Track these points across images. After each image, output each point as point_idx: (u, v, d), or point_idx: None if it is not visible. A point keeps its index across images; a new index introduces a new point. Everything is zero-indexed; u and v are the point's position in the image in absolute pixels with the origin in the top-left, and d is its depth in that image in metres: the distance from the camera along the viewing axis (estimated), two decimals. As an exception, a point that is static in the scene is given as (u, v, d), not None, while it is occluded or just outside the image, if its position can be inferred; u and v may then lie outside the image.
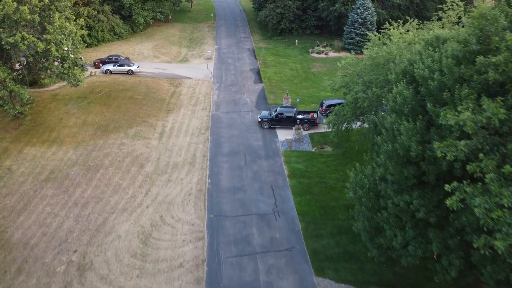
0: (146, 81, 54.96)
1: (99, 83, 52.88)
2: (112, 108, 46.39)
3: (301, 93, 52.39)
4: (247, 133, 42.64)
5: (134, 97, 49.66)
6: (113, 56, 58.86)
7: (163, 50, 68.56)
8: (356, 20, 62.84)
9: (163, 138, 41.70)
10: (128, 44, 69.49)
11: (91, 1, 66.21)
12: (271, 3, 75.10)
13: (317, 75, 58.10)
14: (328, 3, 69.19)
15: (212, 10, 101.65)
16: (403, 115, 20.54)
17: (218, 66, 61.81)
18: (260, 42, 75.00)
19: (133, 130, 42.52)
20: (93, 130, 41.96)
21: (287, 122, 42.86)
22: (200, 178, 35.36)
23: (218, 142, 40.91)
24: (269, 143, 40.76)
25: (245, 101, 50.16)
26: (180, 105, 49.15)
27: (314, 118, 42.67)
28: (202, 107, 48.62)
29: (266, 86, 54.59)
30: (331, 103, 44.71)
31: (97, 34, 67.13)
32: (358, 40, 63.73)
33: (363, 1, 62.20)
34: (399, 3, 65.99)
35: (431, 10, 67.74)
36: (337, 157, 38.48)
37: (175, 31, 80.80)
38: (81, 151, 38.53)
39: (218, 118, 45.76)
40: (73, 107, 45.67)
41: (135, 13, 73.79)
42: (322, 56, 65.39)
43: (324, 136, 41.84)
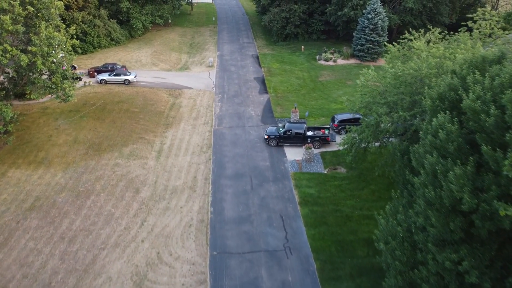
0: (144, 91, 51.46)
1: (93, 95, 49.38)
2: (106, 123, 42.89)
3: (310, 105, 48.87)
4: (253, 151, 39.13)
5: (130, 110, 46.16)
6: (108, 64, 55.37)
7: (162, 57, 65.06)
8: (366, 26, 59.30)
9: (161, 157, 38.21)
10: (125, 51, 65.99)
11: (86, 6, 62.73)
12: (276, 7, 71.58)
13: (326, 85, 54.58)
14: (336, 7, 65.65)
15: (214, 13, 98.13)
16: (448, 154, 16.99)
17: (221, 75, 58.31)
18: (264, 48, 71.47)
19: (129, 149, 39.02)
20: (85, 149, 38.46)
21: (296, 139, 39.35)
22: (202, 205, 31.85)
23: (221, 162, 37.40)
24: (277, 164, 37.25)
25: (249, 114, 46.63)
26: (180, 118, 45.65)
27: (325, 135, 39.15)
28: (203, 121, 45.10)
29: (272, 97, 51.07)
30: (344, 118, 41.26)
31: (92, 40, 63.63)
32: (369, 47, 60.21)
33: (374, 6, 58.66)
34: (411, 7, 62.44)
35: (445, 15, 64.37)
36: (352, 180, 34.96)
37: (175, 36, 77.29)
38: (71, 174, 35.03)
39: (221, 134, 42.25)
40: (64, 122, 42.17)
41: (133, 18, 70.30)
42: (330, 64, 61.85)
43: (337, 155, 38.33)
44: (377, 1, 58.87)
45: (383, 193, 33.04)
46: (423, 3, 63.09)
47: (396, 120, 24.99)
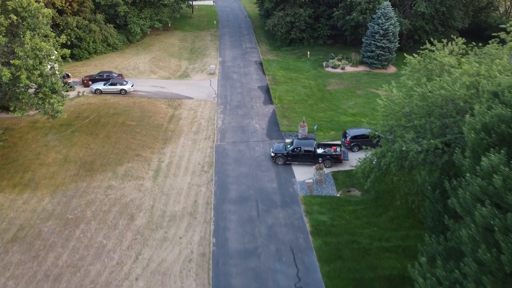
0: (141, 102, 48.34)
1: (87, 106, 46.26)
2: (100, 139, 39.77)
3: (318, 117, 45.73)
4: (258, 171, 35.99)
5: (126, 123, 43.04)
6: (104, 73, 52.27)
7: (161, 63, 61.94)
8: (376, 31, 56.15)
9: (159, 177, 35.09)
10: (122, 57, 62.88)
11: (82, 10, 59.64)
12: (280, 11, 68.46)
13: (334, 95, 51.42)
14: (343, 12, 62.51)
15: (215, 16, 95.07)
16: (507, 206, 13.85)
17: (223, 83, 55.19)
18: (268, 54, 68.34)
19: (124, 168, 35.90)
20: (76, 168, 35.34)
21: (305, 158, 36.22)
22: (203, 236, 28.72)
23: (224, 183, 34.27)
24: (285, 185, 34.12)
25: (254, 127, 43.50)
26: (179, 132, 42.53)
27: (337, 153, 36.00)
28: (204, 135, 41.98)
29: (277, 108, 47.93)
30: (357, 134, 38.13)
31: (88, 46, 60.52)
32: (379, 54, 57.07)
33: (385, 10, 55.51)
34: (423, 11, 59.29)
35: (458, 19, 61.24)
36: (367, 205, 31.81)
37: (174, 40, 74.19)
38: (59, 198, 31.90)
39: (223, 151, 39.13)
40: (53, 138, 39.07)
41: (130, 22, 67.19)
42: (338, 71, 58.69)
43: (350, 175, 35.17)
44: (388, 5, 55.75)
45: (403, 221, 29.93)
46: (436, 7, 60.00)
47: (425, 147, 21.83)
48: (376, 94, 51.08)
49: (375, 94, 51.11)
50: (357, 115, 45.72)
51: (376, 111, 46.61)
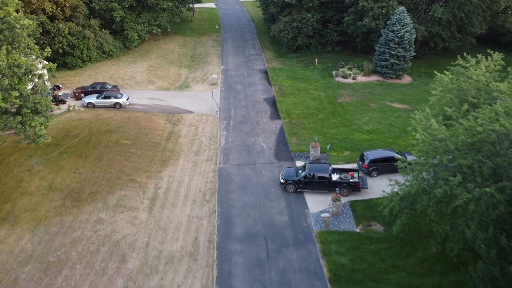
0: (137, 117, 44.44)
1: (78, 122, 42.36)
2: (90, 162, 35.88)
3: (329, 134, 41.80)
4: (267, 200, 32.07)
5: (120, 143, 39.15)
6: (97, 84, 48.37)
7: (160, 72, 58.04)
8: (391, 39, 52.19)
9: (155, 208, 31.18)
10: (118, 65, 58.98)
11: (75, 15, 55.73)
12: (286, 16, 64.51)
13: (347, 108, 47.47)
14: (354, 17, 58.55)
15: (217, 19, 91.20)
16: None
17: (226, 95, 51.27)
18: (273, 61, 64.41)
19: (116, 197, 32.00)
20: (62, 198, 31.43)
21: (319, 185, 32.30)
22: (205, 284, 24.81)
23: (228, 216, 30.35)
24: (297, 218, 30.18)
25: (260, 147, 39.58)
26: (178, 152, 38.63)
27: (356, 181, 32.04)
28: (206, 156, 38.07)
29: (286, 124, 44.00)
30: (376, 158, 34.16)
31: (81, 53, 56.63)
32: (393, 63, 53.11)
33: (400, 16, 51.55)
34: (440, 17, 55.32)
35: (477, 25, 57.27)
36: (392, 243, 27.82)
37: (174, 46, 70.29)
38: (41, 236, 27.99)
39: (227, 175, 35.21)
40: (39, 161, 35.17)
41: (127, 28, 63.30)
42: (349, 81, 54.74)
43: (370, 206, 31.25)
44: (403, 10, 51.79)
45: (434, 264, 25.98)
46: (453, 13, 56.05)
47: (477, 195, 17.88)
48: (391, 107, 47.22)
49: (390, 107, 47.22)
50: (373, 132, 41.80)
51: (393, 127, 42.93)
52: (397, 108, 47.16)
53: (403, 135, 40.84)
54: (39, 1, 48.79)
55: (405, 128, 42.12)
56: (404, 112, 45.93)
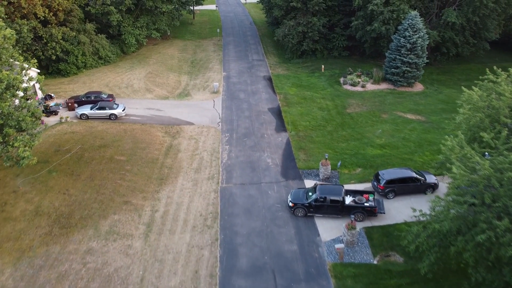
0: (134, 130, 41.64)
1: (70, 136, 39.56)
2: (81, 181, 33.07)
3: (339, 148, 38.98)
4: (274, 225, 29.24)
5: (115, 159, 36.37)
6: (92, 93, 45.58)
7: (159, 79, 55.22)
8: (402, 45, 49.32)
9: (152, 235, 28.38)
10: (115, 72, 56.16)
11: (69, 20, 52.91)
12: (291, 19, 61.63)
13: (357, 119, 44.60)
14: (363, 21, 55.68)
15: (218, 22, 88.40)
16: None
17: (228, 104, 48.44)
18: (277, 67, 61.56)
19: (108, 222, 29.20)
20: (49, 225, 28.63)
21: (331, 209, 29.48)
22: (206, 329, 21.98)
23: (231, 245, 27.53)
24: (308, 248, 27.36)
25: (266, 163, 36.76)
26: (177, 170, 35.81)
27: (372, 206, 29.20)
28: (207, 174, 35.24)
29: (292, 137, 41.17)
30: (393, 178, 31.33)
31: (76, 59, 53.80)
32: (405, 70, 50.24)
33: (412, 21, 48.68)
34: (453, 21, 52.44)
35: (492, 30, 54.39)
36: (414, 278, 24.96)
37: (174, 51, 67.47)
38: (24, 270, 25.19)
39: (230, 196, 32.39)
40: (25, 181, 32.37)
41: (125, 32, 60.47)
42: (358, 89, 51.89)
43: (387, 233, 28.42)
44: (416, 15, 48.92)
45: (464, 305, 23.12)
46: (468, 17, 53.16)
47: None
48: (404, 118, 44.38)
49: (403, 118, 44.37)
50: (386, 147, 38.95)
51: (408, 140, 40.06)
52: (410, 119, 44.30)
53: (418, 150, 38.00)
54: (30, 5, 45.99)
55: (420, 142, 39.39)
56: (418, 124, 43.07)
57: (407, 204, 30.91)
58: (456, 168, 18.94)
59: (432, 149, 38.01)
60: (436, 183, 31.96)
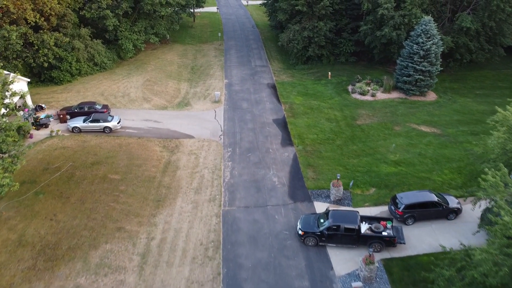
0: (129, 144, 38.86)
1: (60, 152, 36.78)
2: (71, 204, 30.29)
3: (351, 165, 36.17)
4: (282, 257, 26.41)
5: (108, 178, 33.59)
6: (85, 104, 42.81)
7: (157, 87, 52.41)
8: (415, 52, 46.49)
9: (147, 267, 25.57)
10: (111, 79, 53.37)
11: (62, 25, 50.14)
12: (296, 24, 58.79)
13: (368, 132, 41.77)
14: (372, 26, 52.85)
15: (219, 25, 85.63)
16: None
17: (230, 115, 45.62)
18: (282, 73, 58.75)
19: (99, 253, 26.39)
20: (33, 257, 25.82)
21: (346, 239, 26.67)
22: None
23: (235, 281, 24.73)
24: (320, 284, 24.55)
25: (272, 182, 33.95)
26: (176, 190, 33.02)
27: (391, 235, 26.37)
28: (208, 195, 32.44)
29: (299, 152, 38.37)
30: (413, 202, 28.48)
31: (70, 66, 51.03)
32: (418, 79, 47.43)
33: (426, 27, 45.84)
34: (468, 27, 49.60)
35: (508, 35, 51.57)
36: (442, 321, 22.09)
37: (173, 56, 64.68)
38: (2, 313, 22.42)
39: (233, 222, 29.57)
40: (9, 205, 29.58)
41: (121, 37, 57.68)
42: (368, 99, 49.04)
43: (408, 267, 25.59)
44: (430, 20, 46.09)
45: None
46: (483, 22, 50.31)
47: None
48: (418, 131, 41.55)
49: (417, 131, 41.54)
50: (401, 164, 36.12)
51: (424, 157, 37.21)
52: (425, 132, 41.46)
53: (436, 168, 35.15)
54: (19, 10, 43.22)
55: (438, 159, 36.54)
56: (434, 138, 40.23)
57: (428, 232, 28.16)
58: (505, 213, 16.03)
59: (451, 167, 35.20)
60: (460, 207, 29.14)
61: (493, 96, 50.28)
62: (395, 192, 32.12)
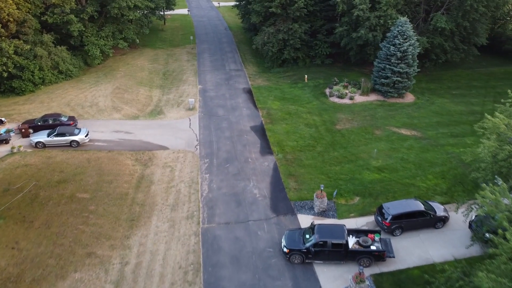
0: (99, 158, 36.41)
1: (23, 170, 34.01)
2: (35, 229, 27.77)
3: (333, 173, 34.98)
4: (267, 277, 24.82)
5: (76, 197, 31.15)
6: (49, 116, 40.06)
7: (127, 95, 49.90)
8: (392, 54, 45.84)
9: (121, 297, 23.44)
10: (78, 87, 50.48)
11: (22, 31, 46.94)
12: (270, 26, 57.37)
13: (348, 137, 40.72)
14: (348, 28, 52.00)
15: (191, 27, 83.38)
16: None
17: (206, 123, 43.71)
18: (257, 77, 57.22)
19: (68, 284, 24.10)
20: (-9, 293, 23.31)
21: (333, 254, 25.32)
22: None
23: (219, 308, 22.93)
24: (309, 306, 23.05)
25: (252, 195, 32.31)
26: (151, 207, 30.91)
27: (380, 250, 25.19)
28: (186, 211, 30.51)
29: (279, 160, 36.90)
30: (400, 212, 27.46)
31: (32, 76, 47.89)
32: (396, 80, 46.81)
33: (402, 28, 45.25)
34: (443, 27, 49.39)
35: (482, 35, 51.76)
36: None
37: (144, 61, 62.14)
38: None
39: (213, 240, 27.75)
40: (-36, 234, 26.80)
41: (88, 43, 54.76)
42: (346, 102, 48.10)
43: (399, 282, 24.50)
44: (406, 21, 45.57)
45: None
46: (457, 22, 50.24)
47: None
48: (399, 134, 40.82)
49: (398, 135, 40.80)
50: (384, 170, 35.17)
51: (407, 162, 36.40)
52: (405, 135, 40.77)
53: (420, 174, 34.38)
54: (-27, 17, 40.06)
55: (421, 163, 35.81)
56: (415, 141, 39.56)
57: (417, 243, 27.19)
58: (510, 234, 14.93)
59: (435, 172, 34.50)
60: (447, 215, 28.32)
61: (469, 96, 50.32)
62: (380, 200, 31.16)
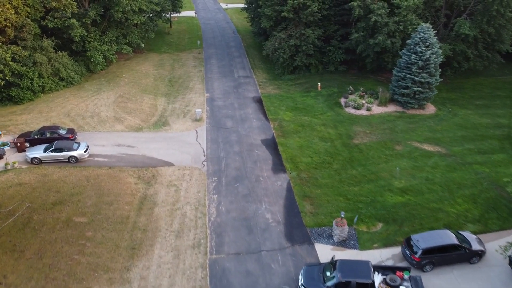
0: (99, 176, 33.78)
1: (16, 190, 31.44)
2: (25, 260, 25.14)
3: (352, 194, 32.10)
4: (283, 321, 21.98)
5: (72, 221, 28.53)
6: (46, 129, 37.54)
7: (131, 104, 47.30)
8: (413, 62, 42.81)
9: None
10: (79, 96, 47.95)
11: (21, 37, 44.51)
12: (281, 31, 54.54)
13: (367, 153, 37.79)
14: (365, 34, 49.02)
15: (198, 31, 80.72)
16: None
17: (213, 136, 40.97)
18: (267, 85, 54.39)
19: (59, 328, 21.41)
20: None
21: (357, 295, 22.45)
22: None
23: None
24: None
25: (265, 220, 29.50)
26: (153, 233, 28.20)
27: (411, 291, 22.29)
28: (192, 239, 27.76)
29: (293, 180, 34.07)
30: (432, 246, 24.53)
31: (31, 83, 45.46)
32: (417, 91, 43.77)
33: (425, 35, 42.21)
34: (467, 33, 46.25)
35: (507, 42, 48.54)
36: None
37: (148, 67, 59.54)
38: None
39: (222, 274, 24.98)
40: None
41: (90, 48, 52.25)
42: (363, 113, 45.12)
43: (434, 330, 21.48)
44: (428, 28, 42.52)
45: None
46: (482, 28, 47.07)
47: None
48: (422, 150, 37.83)
49: (421, 151, 37.80)
50: (408, 192, 32.20)
51: (432, 182, 33.38)
52: (429, 151, 37.76)
53: (448, 197, 31.38)
54: (-33, 23, 37.63)
55: (448, 184, 32.80)
56: (439, 158, 36.54)
57: (450, 281, 24.28)
58: None
59: (464, 195, 31.49)
60: (483, 249, 25.34)
61: (494, 107, 47.12)
62: (405, 228, 28.30)
